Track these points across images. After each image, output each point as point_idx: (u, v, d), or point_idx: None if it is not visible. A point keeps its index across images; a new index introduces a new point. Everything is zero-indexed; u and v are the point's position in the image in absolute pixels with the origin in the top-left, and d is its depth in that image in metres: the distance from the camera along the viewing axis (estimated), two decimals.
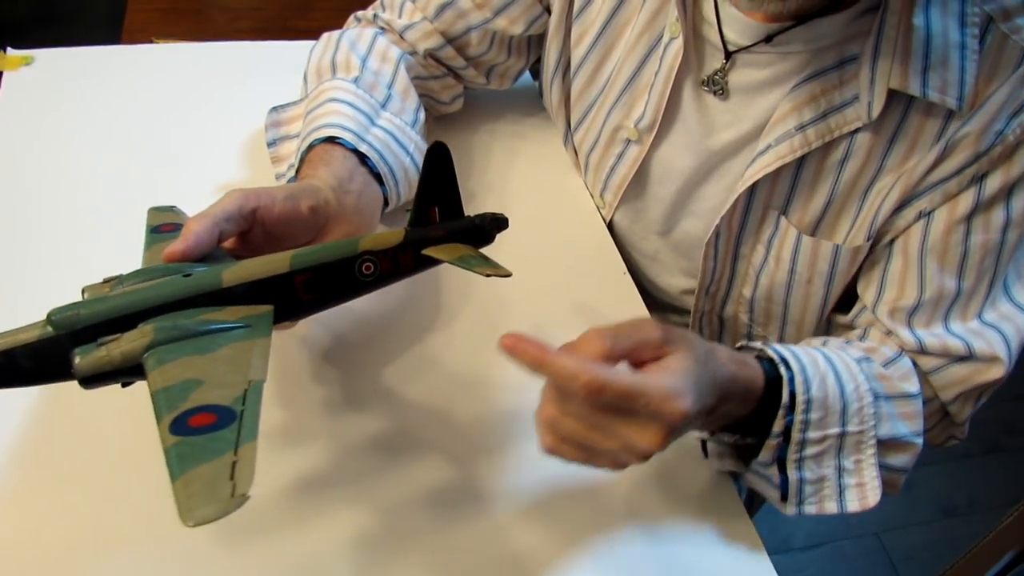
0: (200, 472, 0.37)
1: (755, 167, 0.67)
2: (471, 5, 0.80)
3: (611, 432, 0.47)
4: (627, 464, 0.49)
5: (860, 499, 0.60)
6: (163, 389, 0.41)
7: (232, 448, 0.38)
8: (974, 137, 0.61)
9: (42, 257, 0.71)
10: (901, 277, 0.67)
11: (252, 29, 1.78)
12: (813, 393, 0.57)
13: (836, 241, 0.69)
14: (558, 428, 0.49)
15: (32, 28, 2.15)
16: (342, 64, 0.75)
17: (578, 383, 0.45)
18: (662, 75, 0.71)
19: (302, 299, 0.51)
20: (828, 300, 0.73)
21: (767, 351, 0.59)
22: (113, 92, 0.89)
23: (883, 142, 0.64)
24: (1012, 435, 1.86)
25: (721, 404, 0.53)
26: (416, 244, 0.54)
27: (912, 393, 0.63)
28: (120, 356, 0.43)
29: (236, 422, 0.39)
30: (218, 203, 0.54)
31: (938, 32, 0.60)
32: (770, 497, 0.62)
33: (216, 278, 0.48)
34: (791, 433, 0.57)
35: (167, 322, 0.45)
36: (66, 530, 0.54)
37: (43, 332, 0.44)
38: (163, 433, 0.39)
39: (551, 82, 0.84)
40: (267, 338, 0.46)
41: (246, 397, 0.41)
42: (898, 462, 0.63)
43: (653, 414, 0.46)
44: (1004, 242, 0.64)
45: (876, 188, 0.66)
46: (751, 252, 0.74)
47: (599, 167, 0.81)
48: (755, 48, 0.67)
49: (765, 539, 0.60)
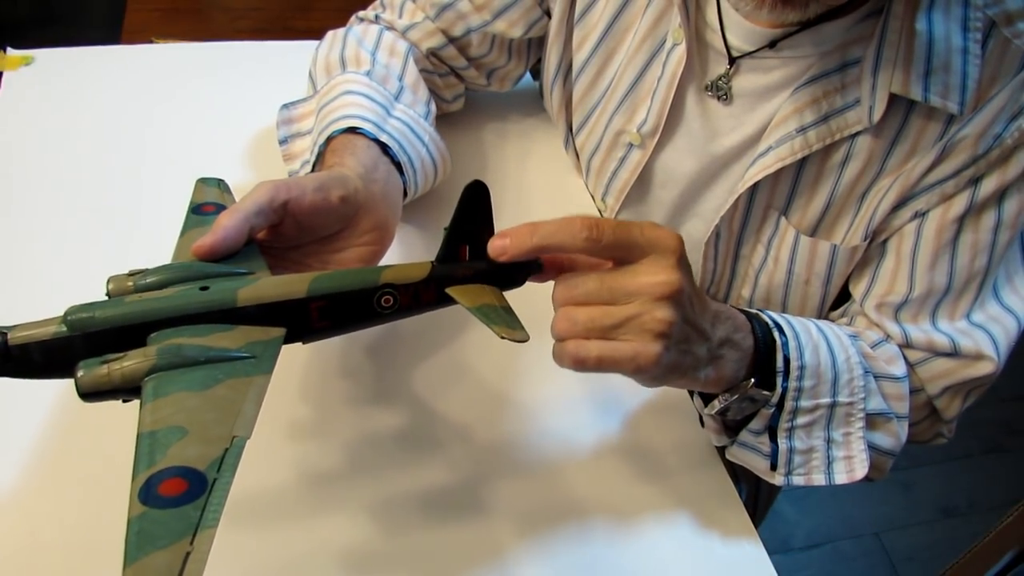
0: (152, 562, 0.36)
1: (755, 168, 0.68)
2: (471, 7, 0.80)
3: (624, 290, 0.47)
4: (660, 329, 0.47)
5: (848, 472, 0.60)
6: (150, 434, 0.41)
7: (191, 533, 0.37)
8: (972, 139, 0.61)
9: (42, 257, 0.71)
10: (892, 274, 0.67)
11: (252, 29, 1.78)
12: (807, 360, 0.57)
13: (834, 241, 0.69)
14: (575, 321, 0.48)
15: (32, 28, 2.15)
16: (352, 59, 0.75)
17: (576, 227, 0.46)
18: (665, 81, 0.71)
19: (315, 326, 0.50)
20: (826, 301, 0.73)
21: (762, 315, 0.59)
22: (113, 92, 0.89)
23: (884, 145, 0.65)
24: (1012, 435, 1.86)
25: (716, 325, 0.53)
26: (440, 281, 0.52)
27: (898, 376, 0.64)
28: (120, 377, 0.44)
29: (204, 496, 0.39)
30: (248, 197, 0.53)
31: (940, 37, 0.60)
32: (757, 468, 0.62)
33: (231, 296, 0.48)
34: (784, 401, 0.58)
35: (172, 347, 0.45)
36: (68, 532, 0.54)
37: (58, 330, 0.45)
38: (132, 495, 0.39)
39: (552, 86, 0.84)
40: (267, 375, 0.46)
41: (223, 460, 0.41)
42: (885, 443, 0.63)
43: (653, 244, 0.47)
44: (995, 243, 0.64)
45: (874, 189, 0.66)
46: (751, 252, 0.74)
47: (601, 171, 0.81)
48: (759, 53, 0.67)
49: (765, 539, 0.60)
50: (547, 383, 0.67)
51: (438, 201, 0.78)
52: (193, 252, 0.51)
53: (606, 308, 0.47)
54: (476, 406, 0.65)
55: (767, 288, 0.74)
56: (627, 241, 0.47)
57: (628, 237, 0.47)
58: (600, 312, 0.47)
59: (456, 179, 0.79)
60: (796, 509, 1.69)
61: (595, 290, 0.48)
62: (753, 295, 0.76)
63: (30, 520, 0.54)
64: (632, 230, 0.47)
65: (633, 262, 0.48)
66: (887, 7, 0.61)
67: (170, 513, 0.38)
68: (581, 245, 0.47)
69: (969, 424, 0.71)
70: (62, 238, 0.72)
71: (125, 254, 0.57)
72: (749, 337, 0.56)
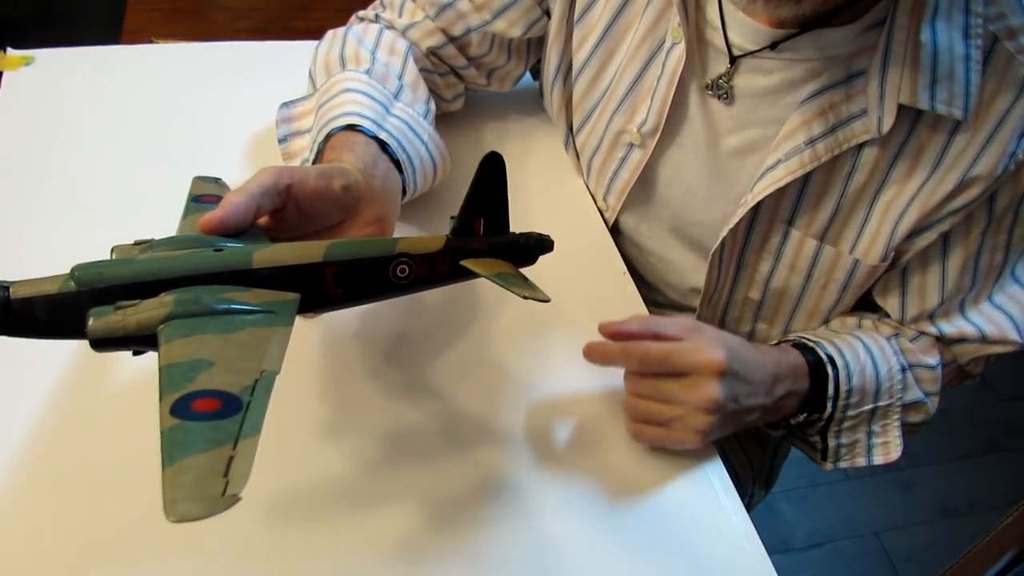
0: (193, 462, 0.34)
1: (765, 182, 0.68)
2: (470, 7, 0.80)
3: (673, 396, 0.60)
4: (702, 428, 0.59)
5: (884, 455, 0.72)
6: (171, 365, 0.39)
7: (232, 441, 0.36)
8: (991, 169, 0.63)
9: (42, 257, 0.71)
10: (922, 288, 0.72)
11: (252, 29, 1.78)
12: (854, 383, 0.67)
13: (841, 247, 0.70)
14: (635, 410, 0.62)
15: (32, 28, 2.15)
16: (351, 57, 0.75)
17: (631, 357, 0.61)
18: (664, 80, 0.71)
19: (330, 292, 0.49)
20: (839, 305, 0.75)
21: (817, 350, 0.68)
22: (113, 92, 0.89)
23: (890, 155, 0.66)
24: (1012, 435, 1.86)
25: (775, 384, 0.64)
26: (455, 253, 0.52)
27: (932, 364, 0.73)
28: (135, 324, 0.42)
29: (240, 413, 0.37)
30: (253, 179, 0.53)
31: (945, 47, 0.60)
32: (810, 455, 0.74)
33: (246, 257, 0.46)
34: (833, 415, 0.68)
35: (188, 295, 0.43)
36: (74, 531, 0.54)
37: (64, 285, 0.43)
38: (163, 413, 0.37)
39: (552, 86, 0.84)
40: (288, 328, 0.44)
41: (255, 387, 0.39)
42: (916, 419, 0.73)
43: (694, 366, 0.59)
44: (1011, 241, 0.68)
45: (882, 199, 0.67)
46: (756, 261, 0.74)
47: (602, 171, 0.81)
48: (760, 54, 0.67)
49: (765, 539, 0.60)
50: (549, 379, 0.67)
51: (439, 201, 0.78)
52: (200, 226, 0.50)
53: (660, 406, 0.61)
54: (474, 401, 0.65)
55: (781, 291, 0.75)
56: (674, 368, 0.60)
57: (674, 366, 0.60)
58: (656, 408, 0.61)
59: (456, 179, 0.79)
60: (796, 509, 1.69)
61: (650, 391, 0.61)
62: (764, 297, 0.77)
63: (29, 521, 0.54)
64: (673, 357, 0.60)
65: (682, 376, 0.60)
66: (890, 18, 0.61)
67: (206, 424, 0.37)
68: (635, 366, 0.62)
69: (969, 424, 0.74)
70: (62, 238, 0.72)
71: None
72: (807, 378, 0.67)
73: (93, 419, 0.60)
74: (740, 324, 0.81)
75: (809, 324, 0.77)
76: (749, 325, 0.80)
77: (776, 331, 0.80)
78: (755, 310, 0.78)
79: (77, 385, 0.62)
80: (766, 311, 0.78)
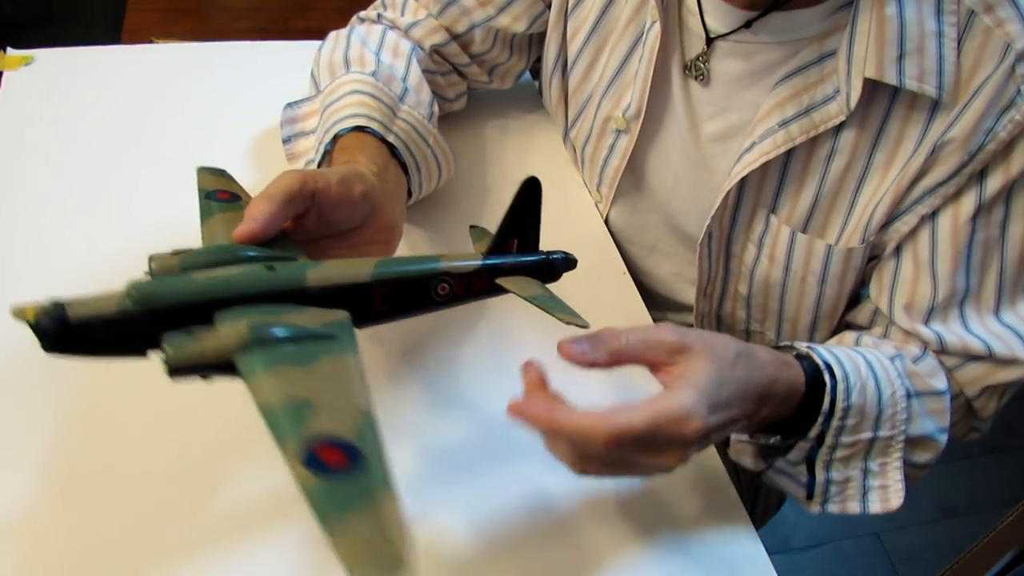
0: (354, 527, 0.35)
1: (740, 164, 0.68)
2: (474, 3, 0.80)
3: (634, 463, 0.50)
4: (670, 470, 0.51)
5: (882, 501, 0.62)
6: (272, 405, 0.40)
7: (374, 499, 0.37)
8: (961, 139, 0.61)
9: (41, 257, 0.71)
10: (913, 281, 0.67)
11: (252, 29, 1.78)
12: (853, 400, 0.58)
13: (828, 240, 0.69)
14: (581, 467, 0.50)
15: (32, 28, 2.15)
16: (356, 59, 0.75)
17: (599, 440, 0.47)
18: (644, 61, 0.72)
19: (376, 309, 0.51)
20: (822, 301, 0.73)
21: (813, 355, 0.59)
22: (113, 92, 0.89)
23: (869, 139, 0.65)
24: (1012, 435, 1.86)
25: (761, 407, 0.55)
26: (491, 272, 0.54)
27: (941, 390, 0.64)
28: (213, 352, 0.42)
29: (365, 463, 0.38)
30: (276, 184, 0.53)
31: (912, 21, 0.59)
32: (794, 494, 0.63)
33: (301, 277, 0.47)
34: (825, 437, 0.59)
35: (259, 320, 0.43)
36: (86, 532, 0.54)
37: (121, 304, 0.43)
38: (292, 461, 0.37)
39: (551, 78, 0.84)
40: (357, 356, 0.45)
41: (363, 432, 0.40)
42: (922, 459, 0.65)
43: (670, 440, 0.49)
44: (1005, 237, 0.64)
45: (867, 188, 0.66)
46: (742, 250, 0.74)
47: (593, 160, 0.82)
48: (735, 36, 0.67)
49: (765, 539, 0.60)
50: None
51: (439, 200, 0.78)
52: (236, 239, 0.51)
53: (615, 468, 0.51)
54: (474, 404, 0.65)
55: (764, 284, 0.74)
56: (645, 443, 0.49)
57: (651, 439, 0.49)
58: (609, 469, 0.51)
59: (457, 178, 0.79)
60: (796, 509, 1.67)
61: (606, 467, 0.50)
62: (750, 291, 0.76)
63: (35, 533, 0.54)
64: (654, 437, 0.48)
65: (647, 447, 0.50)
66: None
67: (346, 481, 0.37)
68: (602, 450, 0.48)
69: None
70: (62, 238, 0.72)
71: (125, 253, 0.57)
72: (801, 388, 0.57)
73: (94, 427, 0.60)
74: (736, 322, 0.81)
75: (797, 328, 0.76)
76: (744, 324, 0.80)
77: (769, 336, 0.79)
78: (746, 307, 0.78)
79: (84, 387, 0.62)
80: (755, 310, 0.78)
